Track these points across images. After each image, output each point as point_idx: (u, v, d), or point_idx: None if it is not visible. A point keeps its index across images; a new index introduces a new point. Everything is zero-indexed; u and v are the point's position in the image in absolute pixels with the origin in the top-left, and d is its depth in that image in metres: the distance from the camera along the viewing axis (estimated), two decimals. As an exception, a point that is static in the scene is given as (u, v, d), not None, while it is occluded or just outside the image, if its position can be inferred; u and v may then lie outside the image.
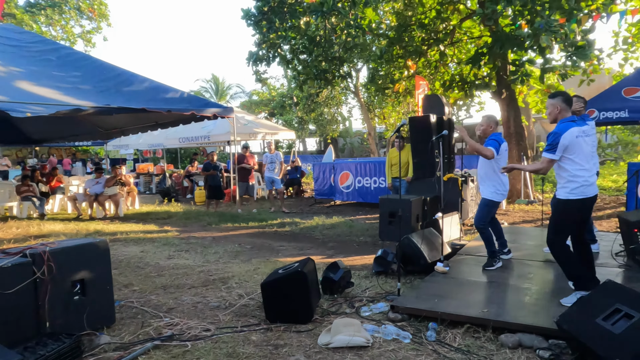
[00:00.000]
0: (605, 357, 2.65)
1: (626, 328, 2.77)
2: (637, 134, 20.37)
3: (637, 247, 5.16)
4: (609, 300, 3.05)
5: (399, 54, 12.29)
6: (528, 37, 8.36)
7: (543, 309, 4.06)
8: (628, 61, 15.05)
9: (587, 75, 10.43)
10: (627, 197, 8.07)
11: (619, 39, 15.05)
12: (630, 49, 14.93)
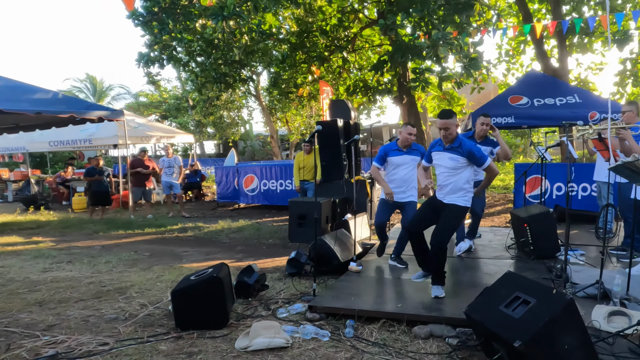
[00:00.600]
0: (508, 339, 2.92)
1: (524, 312, 3.08)
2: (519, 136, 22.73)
3: (526, 240, 5.73)
4: (509, 289, 3.36)
5: (301, 59, 12.48)
6: (427, 47, 8.96)
7: (452, 301, 4.36)
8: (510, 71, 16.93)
9: (478, 84, 11.43)
10: (514, 195, 8.92)
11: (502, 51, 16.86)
12: (511, 60, 16.79)
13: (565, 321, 2.93)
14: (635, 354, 3.26)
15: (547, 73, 13.41)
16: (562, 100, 9.20)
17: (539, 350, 2.88)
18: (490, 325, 3.17)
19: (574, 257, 5.69)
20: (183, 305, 4.10)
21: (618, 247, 6.14)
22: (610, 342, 3.42)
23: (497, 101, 9.61)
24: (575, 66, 17.41)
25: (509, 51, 17.04)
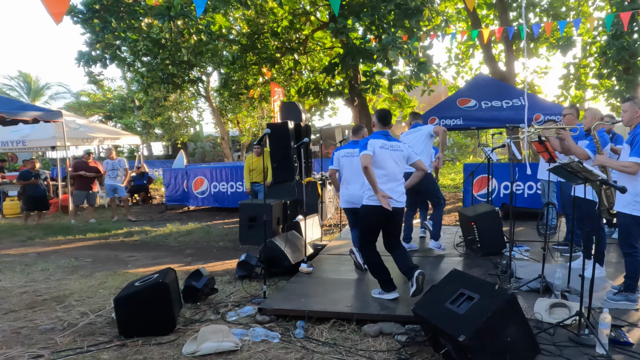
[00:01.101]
0: (453, 334, 2.99)
1: (469, 308, 3.17)
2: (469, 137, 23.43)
3: (473, 238, 5.89)
4: (454, 286, 3.46)
5: (252, 60, 12.36)
6: (377, 51, 9.07)
7: (400, 299, 4.41)
8: (460, 74, 17.51)
9: (428, 86, 11.69)
10: (463, 194, 9.17)
11: (452, 55, 17.41)
12: (460, 64, 17.36)
13: (507, 315, 3.02)
14: (575, 342, 3.42)
15: (495, 76, 13.91)
16: (509, 103, 9.54)
17: (482, 343, 2.96)
18: (437, 321, 3.23)
19: (518, 253, 5.91)
20: (127, 313, 3.96)
21: (561, 242, 6.42)
22: (551, 333, 3.57)
23: (446, 104, 9.87)
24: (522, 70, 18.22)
25: (458, 55, 17.62)
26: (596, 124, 4.64)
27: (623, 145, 4.35)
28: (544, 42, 15.98)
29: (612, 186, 3.54)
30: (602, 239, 5.05)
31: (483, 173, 8.80)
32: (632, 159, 4.03)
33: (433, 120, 9.01)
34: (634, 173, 4.05)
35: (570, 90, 15.48)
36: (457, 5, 16.80)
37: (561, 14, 15.38)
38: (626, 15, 8.11)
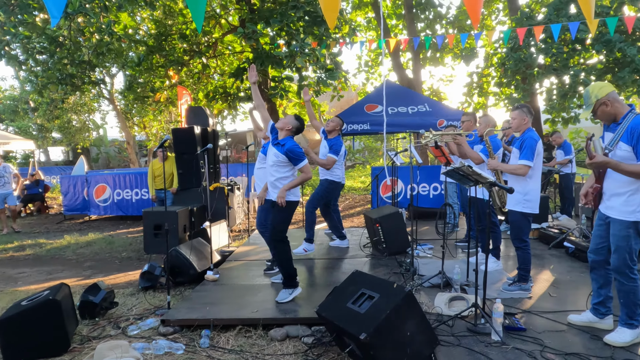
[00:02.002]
0: (355, 333, 3.07)
1: (369, 307, 3.27)
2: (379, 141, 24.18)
3: (379, 239, 6.08)
4: (355, 287, 3.55)
5: (159, 62, 11.89)
6: (286, 57, 9.11)
7: (306, 301, 4.46)
8: (369, 80, 18.10)
9: (337, 92, 11.91)
10: (371, 197, 9.43)
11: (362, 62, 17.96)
12: (370, 70, 17.96)
13: (405, 311, 3.15)
14: (472, 332, 3.64)
15: (402, 83, 14.53)
16: (414, 109, 9.99)
17: (383, 339, 3.05)
18: (339, 321, 3.30)
19: (422, 251, 6.19)
20: (12, 335, 3.66)
21: (462, 239, 6.81)
22: (450, 324, 3.77)
23: (354, 109, 10.14)
24: (429, 77, 19.23)
25: (368, 62, 18.24)
26: (488, 130, 5.00)
27: (513, 150, 4.71)
28: (449, 52, 16.99)
29: (501, 187, 3.82)
30: (497, 235, 5.45)
31: (389, 176, 9.14)
32: (522, 162, 4.40)
33: (341, 124, 9.21)
34: (523, 175, 4.42)
35: (473, 97, 16.56)
36: (368, 14, 17.43)
37: (466, 26, 16.47)
38: (522, 31, 8.85)
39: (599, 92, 3.39)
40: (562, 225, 7.10)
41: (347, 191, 15.53)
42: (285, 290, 4.55)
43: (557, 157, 8.97)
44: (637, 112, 3.33)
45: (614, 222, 3.43)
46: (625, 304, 3.42)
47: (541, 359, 3.20)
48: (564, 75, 11.96)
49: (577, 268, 5.48)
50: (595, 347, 3.37)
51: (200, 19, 3.03)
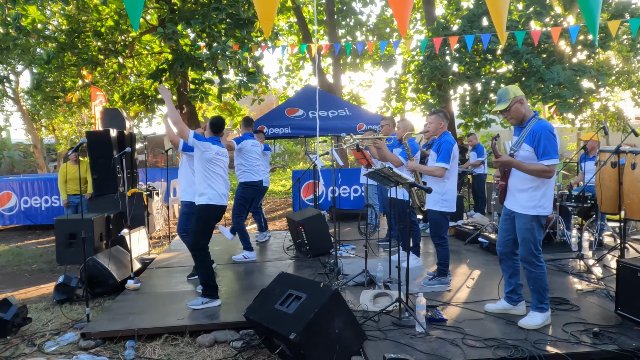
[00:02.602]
0: (284, 333, 3.11)
1: (297, 307, 3.32)
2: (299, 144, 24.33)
3: (302, 241, 6.15)
4: (282, 288, 3.59)
5: (71, 61, 11.21)
6: (207, 59, 8.95)
7: (233, 306, 4.41)
8: (290, 84, 18.20)
9: (258, 95, 11.89)
10: (293, 200, 9.49)
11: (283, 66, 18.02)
12: (291, 75, 18.07)
13: (332, 309, 3.23)
14: (397, 325, 3.79)
15: (323, 88, 14.75)
16: (335, 113, 10.20)
17: (312, 338, 3.11)
18: (268, 323, 3.32)
19: (345, 251, 6.34)
20: None
21: (383, 238, 7.05)
22: (376, 320, 3.90)
23: (275, 113, 10.18)
24: (349, 82, 19.69)
25: (289, 66, 18.36)
26: (407, 134, 5.24)
27: (430, 153, 4.97)
28: (368, 59, 17.52)
29: (421, 187, 4.03)
30: (417, 233, 5.71)
31: (310, 179, 9.27)
32: (439, 164, 4.66)
33: (262, 128, 9.21)
34: (440, 176, 4.68)
35: (391, 102, 17.19)
36: (290, 19, 17.55)
37: (385, 34, 17.06)
38: (438, 40, 9.33)
39: (517, 91, 3.68)
40: (476, 222, 7.58)
41: (268, 195, 15.51)
42: (201, 298, 4.45)
43: (471, 159, 9.55)
44: (540, 118, 3.65)
45: (518, 217, 3.73)
46: (535, 290, 3.73)
47: (463, 345, 3.40)
48: (477, 83, 12.79)
49: (491, 261, 5.88)
50: (510, 332, 3.64)
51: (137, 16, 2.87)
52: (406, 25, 3.15)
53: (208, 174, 4.49)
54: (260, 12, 2.97)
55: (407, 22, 3.13)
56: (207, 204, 4.46)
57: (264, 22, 2.97)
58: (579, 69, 11.74)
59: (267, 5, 2.94)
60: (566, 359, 3.23)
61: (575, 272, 5.29)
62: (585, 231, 6.50)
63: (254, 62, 10.39)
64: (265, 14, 2.95)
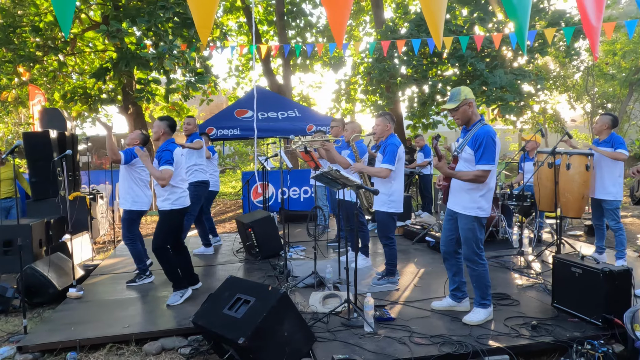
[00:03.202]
0: (233, 338, 3.08)
1: (246, 312, 3.29)
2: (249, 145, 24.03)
3: (251, 243, 6.10)
4: (231, 292, 3.55)
5: (6, 57, 10.62)
6: (153, 58, 8.72)
7: (181, 311, 4.32)
8: (240, 85, 18.00)
9: (207, 96, 11.70)
10: (243, 202, 9.39)
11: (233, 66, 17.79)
12: (241, 75, 17.86)
13: (281, 312, 3.23)
14: (346, 326, 3.83)
15: (273, 89, 14.69)
16: (284, 114, 10.18)
17: (262, 342, 3.10)
18: (216, 328, 3.28)
19: (295, 253, 6.34)
20: None
21: (333, 239, 7.09)
22: (325, 321, 3.92)
23: (223, 114, 10.05)
24: (299, 84, 19.70)
25: (238, 67, 18.15)
26: (354, 135, 5.30)
27: (377, 155, 5.05)
28: (318, 60, 17.59)
29: (367, 189, 4.09)
30: (365, 234, 5.79)
31: (260, 180, 9.21)
32: (384, 165, 4.74)
33: (210, 130, 9.07)
34: (385, 177, 4.76)
35: (341, 103, 17.32)
36: (240, 19, 17.35)
37: (335, 35, 17.15)
38: (386, 44, 9.49)
39: (469, 94, 3.79)
40: (423, 222, 7.78)
41: (218, 197, 15.30)
42: (176, 293, 4.57)
43: (418, 159, 9.79)
44: (485, 123, 3.77)
45: (460, 217, 3.87)
46: (477, 287, 3.87)
47: (410, 343, 3.48)
48: (424, 85, 13.11)
49: (438, 259, 6.03)
50: (455, 328, 3.77)
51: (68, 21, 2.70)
52: (342, 38, 3.16)
53: None
54: (198, 20, 2.91)
55: (343, 34, 3.14)
56: (171, 209, 4.56)
57: (201, 30, 2.91)
58: (520, 74, 12.26)
59: (204, 13, 2.88)
60: (507, 352, 3.37)
61: (516, 268, 5.53)
62: (525, 228, 6.82)
63: (203, 62, 10.22)
64: (202, 22, 2.90)
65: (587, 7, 3.35)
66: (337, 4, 3.07)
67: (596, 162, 5.43)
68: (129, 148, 5.34)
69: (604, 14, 3.70)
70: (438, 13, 3.02)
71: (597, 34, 3.45)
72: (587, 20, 3.42)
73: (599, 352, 3.20)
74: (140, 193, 5.38)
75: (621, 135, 17.22)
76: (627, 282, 3.71)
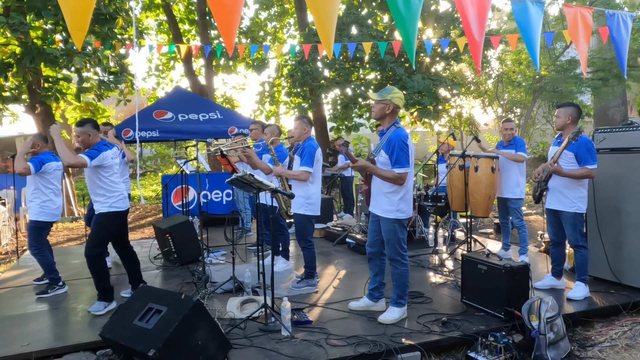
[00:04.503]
0: (143, 350, 2.96)
1: (157, 322, 3.17)
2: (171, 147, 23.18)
3: (169, 249, 5.90)
4: (142, 302, 3.40)
5: None
6: (62, 55, 8.19)
7: (90, 324, 4.09)
8: (160, 85, 17.36)
9: (124, 96, 11.16)
10: (163, 206, 9.05)
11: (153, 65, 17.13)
12: (161, 75, 17.23)
13: (194, 321, 3.14)
14: (263, 331, 3.80)
15: (194, 90, 14.33)
16: (205, 116, 9.95)
17: (174, 352, 3.00)
18: (126, 341, 3.13)
19: (214, 258, 6.21)
20: None
21: (254, 243, 7.01)
22: (242, 327, 3.87)
23: (141, 115, 9.62)
24: (222, 85, 19.31)
25: (159, 66, 17.50)
26: (272, 139, 5.28)
27: (295, 157, 5.06)
28: (242, 61, 17.36)
29: (283, 193, 4.09)
30: (286, 237, 5.78)
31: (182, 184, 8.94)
32: (303, 168, 4.76)
33: (127, 132, 8.68)
34: (304, 180, 4.78)
35: (265, 105, 17.21)
36: (160, 17, 16.74)
37: (259, 37, 17.03)
38: (307, 47, 9.54)
39: (396, 98, 3.87)
40: (344, 224, 7.89)
41: (137, 201, 14.69)
42: (100, 302, 4.39)
43: (339, 162, 9.95)
44: (398, 127, 3.89)
45: (382, 220, 3.98)
46: (398, 286, 4.00)
47: (326, 345, 3.52)
48: (346, 88, 13.36)
49: (358, 261, 6.16)
50: (371, 327, 3.86)
51: None
52: (232, 43, 3.11)
53: (102, 181, 4.39)
54: (71, 22, 2.75)
55: (233, 38, 3.09)
56: (108, 211, 4.38)
57: (75, 33, 2.75)
58: (437, 79, 12.85)
59: (79, 15, 2.73)
60: (418, 349, 3.50)
61: (430, 267, 5.77)
62: (440, 228, 7.13)
63: (119, 61, 9.76)
64: (76, 25, 2.74)
65: (470, 23, 3.57)
66: (225, 7, 2.99)
67: (501, 164, 5.81)
68: (34, 157, 4.97)
69: (509, 26, 3.99)
70: (328, 20, 3.08)
71: (480, 48, 3.69)
72: (470, 36, 3.65)
73: (501, 343, 3.42)
74: (49, 202, 5.04)
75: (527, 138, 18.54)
76: (526, 276, 3.99)
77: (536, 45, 3.90)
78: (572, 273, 4.78)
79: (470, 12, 3.50)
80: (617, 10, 4.40)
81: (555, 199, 4.52)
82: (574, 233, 4.43)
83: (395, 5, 3.20)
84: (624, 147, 4.73)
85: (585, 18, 4.12)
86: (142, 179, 20.92)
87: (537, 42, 3.92)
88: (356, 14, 12.73)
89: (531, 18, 3.82)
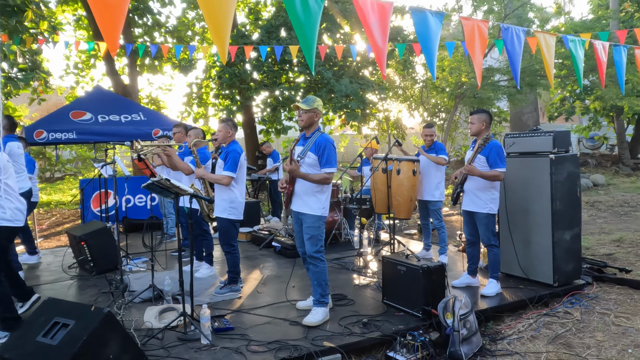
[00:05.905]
0: None
1: (64, 337, 2.95)
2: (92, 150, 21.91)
3: (85, 258, 5.59)
4: (48, 316, 3.16)
5: None
6: (-40, 48, 7.53)
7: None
8: (80, 84, 16.39)
9: (38, 95, 10.44)
10: (81, 211, 8.55)
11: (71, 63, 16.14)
12: (80, 73, 16.27)
13: (105, 334, 2.97)
14: (182, 340, 3.69)
15: (117, 90, 13.67)
16: (128, 118, 9.52)
17: (82, 369, 2.81)
18: (27, 359, 2.89)
19: (135, 265, 5.96)
20: None
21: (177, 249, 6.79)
22: (160, 337, 3.73)
23: (57, 115, 9.05)
24: (147, 85, 18.58)
25: (78, 64, 16.53)
26: (195, 141, 5.16)
27: (218, 161, 4.97)
28: (168, 61, 16.80)
29: (202, 198, 4.01)
30: (209, 242, 5.66)
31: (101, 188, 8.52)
32: (225, 172, 4.70)
33: (40, 133, 8.12)
34: (226, 184, 4.72)
35: (193, 107, 16.78)
36: (78, 11, 15.82)
37: (186, 37, 16.56)
38: (234, 48, 9.40)
39: (320, 107, 4.10)
40: (271, 227, 7.86)
41: (54, 206, 13.81)
42: None
43: (268, 165, 9.90)
44: (323, 132, 4.09)
45: (306, 217, 4.03)
46: (318, 284, 4.04)
47: (247, 352, 3.47)
48: (275, 91, 13.33)
49: (283, 264, 6.14)
50: (294, 331, 3.85)
51: None
52: (116, 42, 2.94)
53: None
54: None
55: (117, 38, 2.94)
56: None
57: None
58: (364, 83, 13.15)
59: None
60: (339, 351, 3.54)
61: (355, 269, 5.85)
62: (366, 230, 7.28)
63: (31, 57, 9.13)
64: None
65: (373, 30, 3.69)
66: (108, 6, 2.81)
67: (423, 168, 6.02)
68: None
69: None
70: (223, 23, 3.04)
71: (384, 55, 3.83)
72: (374, 42, 3.77)
73: (418, 341, 3.53)
74: None
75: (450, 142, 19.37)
76: (442, 276, 4.16)
77: (434, 54, 4.08)
78: (486, 271, 5.05)
79: (372, 19, 3.59)
80: (511, 25, 4.69)
81: (469, 201, 4.76)
82: (487, 233, 4.68)
83: (294, 11, 3.22)
84: (531, 152, 5.07)
85: (482, 31, 4.36)
86: (61, 183, 19.72)
87: (435, 52, 4.10)
88: (285, 17, 12.75)
89: (430, 29, 3.99)
